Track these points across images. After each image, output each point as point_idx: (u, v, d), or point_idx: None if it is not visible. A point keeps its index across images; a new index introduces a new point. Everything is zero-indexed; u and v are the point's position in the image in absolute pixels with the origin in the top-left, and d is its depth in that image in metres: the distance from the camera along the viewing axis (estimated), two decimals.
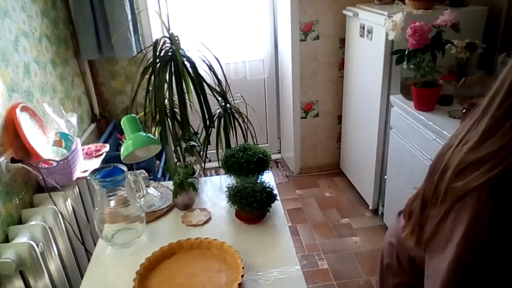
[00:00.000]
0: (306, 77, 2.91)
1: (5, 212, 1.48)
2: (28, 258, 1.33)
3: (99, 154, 1.95)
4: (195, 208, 1.35)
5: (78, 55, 2.43)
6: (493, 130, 0.60)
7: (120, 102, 2.81)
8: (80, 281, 1.10)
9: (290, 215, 2.70)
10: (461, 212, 0.59)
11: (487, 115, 0.61)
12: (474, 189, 0.58)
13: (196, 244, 1.13)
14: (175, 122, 1.84)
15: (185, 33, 2.72)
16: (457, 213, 0.60)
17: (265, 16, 2.93)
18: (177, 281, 1.01)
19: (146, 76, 1.83)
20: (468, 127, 0.65)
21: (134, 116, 1.33)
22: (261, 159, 1.38)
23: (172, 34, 1.81)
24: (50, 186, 1.57)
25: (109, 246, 1.21)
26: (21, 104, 1.61)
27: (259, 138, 2.11)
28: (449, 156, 0.66)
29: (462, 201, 0.60)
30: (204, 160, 1.87)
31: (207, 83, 1.85)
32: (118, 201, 1.18)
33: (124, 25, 2.34)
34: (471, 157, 0.61)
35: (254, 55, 3.00)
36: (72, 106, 2.30)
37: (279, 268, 1.07)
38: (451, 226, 0.61)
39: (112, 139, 2.53)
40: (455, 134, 0.69)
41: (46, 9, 2.08)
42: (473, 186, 0.58)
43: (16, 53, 1.72)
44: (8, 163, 1.49)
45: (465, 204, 0.59)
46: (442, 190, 0.64)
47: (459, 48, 1.98)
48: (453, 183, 0.62)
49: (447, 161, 0.65)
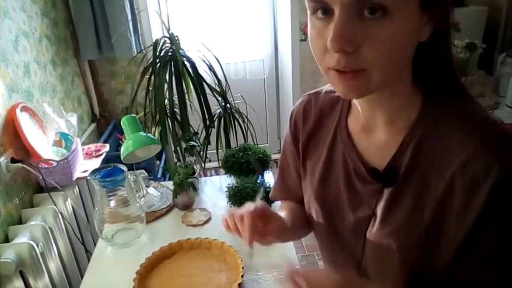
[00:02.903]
0: (306, 77, 2.91)
1: (5, 212, 1.48)
2: (28, 258, 1.33)
3: (99, 154, 1.95)
4: (195, 208, 1.35)
5: (78, 55, 2.43)
6: None
7: (120, 102, 2.80)
8: (80, 281, 1.10)
9: None
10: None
11: None
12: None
13: (196, 244, 1.13)
14: (175, 122, 1.84)
15: (185, 33, 2.71)
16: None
17: (265, 16, 2.93)
18: (177, 281, 1.01)
19: (146, 76, 1.83)
20: None
21: (134, 116, 1.33)
22: (261, 159, 1.38)
23: (172, 34, 1.81)
24: (50, 186, 1.57)
25: (109, 246, 1.21)
26: (21, 104, 1.61)
27: (259, 138, 2.11)
28: None
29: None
30: (204, 160, 1.87)
31: (207, 83, 1.85)
32: (118, 201, 1.18)
33: (124, 25, 2.34)
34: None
35: (254, 55, 3.00)
36: (72, 106, 2.30)
37: (279, 268, 1.07)
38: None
39: (112, 139, 2.52)
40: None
41: (46, 9, 2.08)
42: None
43: (16, 53, 1.72)
44: (8, 163, 1.49)
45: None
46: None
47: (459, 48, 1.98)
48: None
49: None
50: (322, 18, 0.52)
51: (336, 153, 0.71)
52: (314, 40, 0.55)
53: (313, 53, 0.56)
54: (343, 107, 0.72)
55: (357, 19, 0.49)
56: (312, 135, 0.77)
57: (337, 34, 0.49)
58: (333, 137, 0.72)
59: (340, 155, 0.70)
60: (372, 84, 0.54)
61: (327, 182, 0.73)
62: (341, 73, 0.53)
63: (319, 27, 0.53)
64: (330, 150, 0.72)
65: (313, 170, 0.76)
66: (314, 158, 0.76)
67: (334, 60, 0.52)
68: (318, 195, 0.75)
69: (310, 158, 0.78)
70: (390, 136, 0.63)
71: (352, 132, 0.69)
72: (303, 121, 0.79)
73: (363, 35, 0.49)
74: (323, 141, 0.74)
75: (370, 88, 0.55)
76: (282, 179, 0.90)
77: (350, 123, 0.70)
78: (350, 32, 0.49)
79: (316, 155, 0.76)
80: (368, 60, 0.51)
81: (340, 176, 0.70)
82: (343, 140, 0.70)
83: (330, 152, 0.72)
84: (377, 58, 0.51)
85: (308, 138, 0.77)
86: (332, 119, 0.73)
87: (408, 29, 0.51)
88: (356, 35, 0.49)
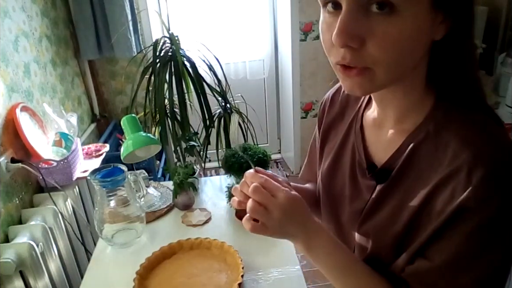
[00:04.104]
0: (306, 77, 2.91)
1: (5, 212, 1.48)
2: (28, 258, 1.33)
3: (99, 154, 1.95)
4: (195, 208, 1.35)
5: (78, 55, 2.43)
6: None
7: (120, 102, 2.80)
8: (80, 281, 1.10)
9: None
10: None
11: None
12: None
13: (196, 244, 1.13)
14: (175, 122, 1.84)
15: (185, 33, 2.71)
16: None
17: (265, 16, 2.93)
18: (177, 281, 1.01)
19: (146, 76, 1.83)
20: None
21: (134, 116, 1.33)
22: (261, 159, 1.38)
23: (172, 34, 1.81)
24: (50, 186, 1.57)
25: (109, 246, 1.21)
26: (21, 104, 1.61)
27: (259, 138, 2.11)
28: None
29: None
30: (204, 160, 1.87)
31: (207, 83, 1.85)
32: (118, 201, 1.18)
33: (124, 25, 2.34)
34: None
35: (254, 55, 3.00)
36: (72, 106, 2.30)
37: (279, 268, 1.06)
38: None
39: (112, 139, 2.52)
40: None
41: (46, 9, 2.08)
42: None
43: (16, 53, 1.72)
44: (8, 163, 1.49)
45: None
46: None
47: None
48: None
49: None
50: (332, 12, 0.52)
51: (348, 143, 0.72)
52: (323, 34, 0.54)
53: (323, 47, 0.55)
54: (365, 99, 0.72)
55: (364, 14, 0.48)
56: (333, 122, 0.78)
57: (341, 29, 0.48)
58: (348, 127, 0.73)
59: (351, 146, 0.71)
60: (377, 82, 0.53)
61: (336, 171, 0.74)
62: (347, 68, 0.52)
63: (328, 21, 0.53)
64: (344, 140, 0.73)
65: (327, 157, 0.78)
66: (331, 145, 0.78)
67: (340, 55, 0.51)
68: (326, 182, 0.77)
69: (327, 144, 0.79)
70: (396, 135, 0.63)
71: (365, 125, 0.70)
72: (329, 107, 0.80)
73: (369, 31, 0.48)
74: (341, 130, 0.75)
75: (375, 86, 0.54)
76: (308, 162, 0.93)
77: (366, 116, 0.70)
78: (355, 27, 0.48)
79: (332, 142, 0.77)
80: (373, 57, 0.50)
81: (347, 166, 0.71)
82: (356, 132, 0.70)
83: (344, 142, 0.73)
84: (382, 56, 0.50)
85: (329, 125, 0.79)
86: (353, 110, 0.74)
87: (417, 28, 0.49)
88: (361, 30, 0.48)
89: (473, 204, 0.51)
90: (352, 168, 0.70)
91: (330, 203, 0.76)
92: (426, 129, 0.58)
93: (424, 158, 0.58)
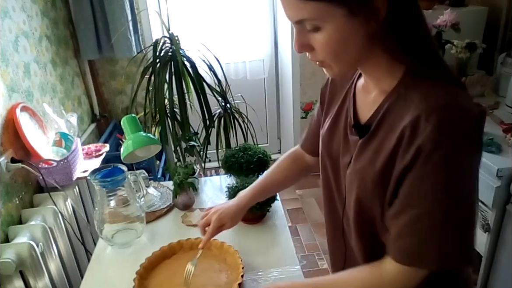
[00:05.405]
0: (306, 77, 2.91)
1: (5, 212, 1.48)
2: (28, 258, 1.33)
3: (99, 154, 1.95)
4: (195, 208, 1.35)
5: (78, 55, 2.43)
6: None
7: (120, 102, 2.81)
8: (80, 281, 1.10)
9: (290, 215, 2.70)
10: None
11: None
12: None
13: (196, 244, 1.13)
14: (175, 122, 1.84)
15: (185, 33, 2.71)
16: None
17: (265, 16, 2.93)
18: (177, 281, 1.01)
19: (146, 76, 1.83)
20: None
21: (134, 116, 1.33)
22: (261, 159, 1.38)
23: (172, 34, 1.81)
24: (50, 186, 1.57)
25: (109, 246, 1.21)
26: (21, 104, 1.61)
27: (259, 138, 2.11)
28: None
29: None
30: (204, 160, 1.87)
31: (207, 83, 1.85)
32: (118, 201, 1.18)
33: (124, 25, 2.34)
34: None
35: (254, 55, 3.00)
36: (72, 106, 2.30)
37: (279, 268, 1.07)
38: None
39: (112, 139, 2.53)
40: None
41: (46, 9, 2.08)
42: None
43: (16, 53, 1.72)
44: (8, 163, 1.49)
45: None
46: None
47: (459, 48, 1.98)
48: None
49: None
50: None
51: (344, 108, 0.84)
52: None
53: None
54: (358, 71, 0.84)
55: (307, 31, 0.66)
56: (334, 92, 0.90)
57: (295, 41, 0.69)
58: (345, 95, 0.85)
59: (345, 110, 0.83)
60: (335, 71, 0.70)
61: (334, 134, 0.85)
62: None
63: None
64: (341, 105, 0.85)
65: (327, 122, 0.89)
66: (330, 112, 0.89)
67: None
68: (326, 145, 0.87)
69: (328, 112, 0.90)
70: (377, 97, 0.74)
71: (357, 91, 0.82)
72: (332, 81, 0.92)
73: (312, 42, 0.67)
74: (339, 98, 0.87)
75: (337, 73, 0.71)
76: (307, 131, 1.05)
77: (358, 84, 0.83)
78: (302, 40, 0.67)
79: (332, 109, 0.89)
80: (321, 57, 0.68)
81: (342, 127, 0.83)
82: (349, 98, 0.83)
83: (340, 107, 0.85)
84: (324, 57, 0.68)
85: (331, 94, 0.91)
86: (349, 81, 0.86)
87: (342, 35, 0.64)
88: (307, 41, 0.67)
89: (429, 145, 0.61)
90: (345, 128, 0.82)
91: (331, 163, 0.86)
92: (398, 91, 0.70)
93: (395, 113, 0.69)
